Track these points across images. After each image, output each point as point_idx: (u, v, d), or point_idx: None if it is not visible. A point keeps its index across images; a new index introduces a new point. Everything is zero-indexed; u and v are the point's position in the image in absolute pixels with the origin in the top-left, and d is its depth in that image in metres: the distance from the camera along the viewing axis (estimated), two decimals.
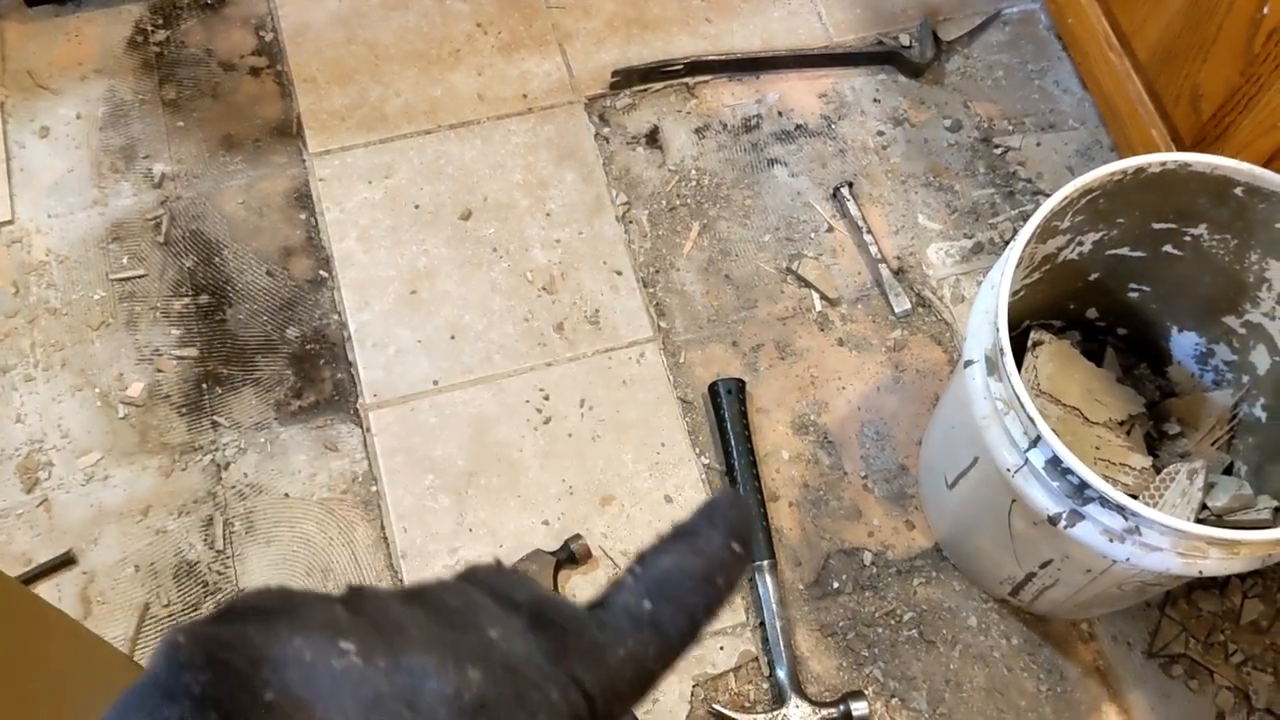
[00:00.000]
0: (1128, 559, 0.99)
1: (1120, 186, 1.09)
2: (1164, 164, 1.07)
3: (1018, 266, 1.04)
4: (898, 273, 1.50)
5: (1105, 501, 0.96)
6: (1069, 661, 1.31)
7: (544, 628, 0.32)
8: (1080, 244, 1.19)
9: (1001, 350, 0.99)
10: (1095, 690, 1.30)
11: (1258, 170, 1.05)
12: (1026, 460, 1.01)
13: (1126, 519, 0.97)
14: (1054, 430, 0.97)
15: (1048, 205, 1.05)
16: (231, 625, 0.27)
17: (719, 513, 0.36)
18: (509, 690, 0.29)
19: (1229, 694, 1.30)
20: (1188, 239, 1.16)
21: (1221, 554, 0.97)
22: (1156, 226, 1.16)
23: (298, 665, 0.27)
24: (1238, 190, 1.08)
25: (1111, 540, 0.99)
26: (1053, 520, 1.01)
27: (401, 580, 1.30)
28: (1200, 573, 0.98)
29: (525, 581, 0.33)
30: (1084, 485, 0.97)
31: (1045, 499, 1.01)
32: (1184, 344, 1.30)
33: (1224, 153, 1.25)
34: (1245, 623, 1.33)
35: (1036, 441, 0.99)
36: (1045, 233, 1.10)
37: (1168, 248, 1.19)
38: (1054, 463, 0.98)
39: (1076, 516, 1.00)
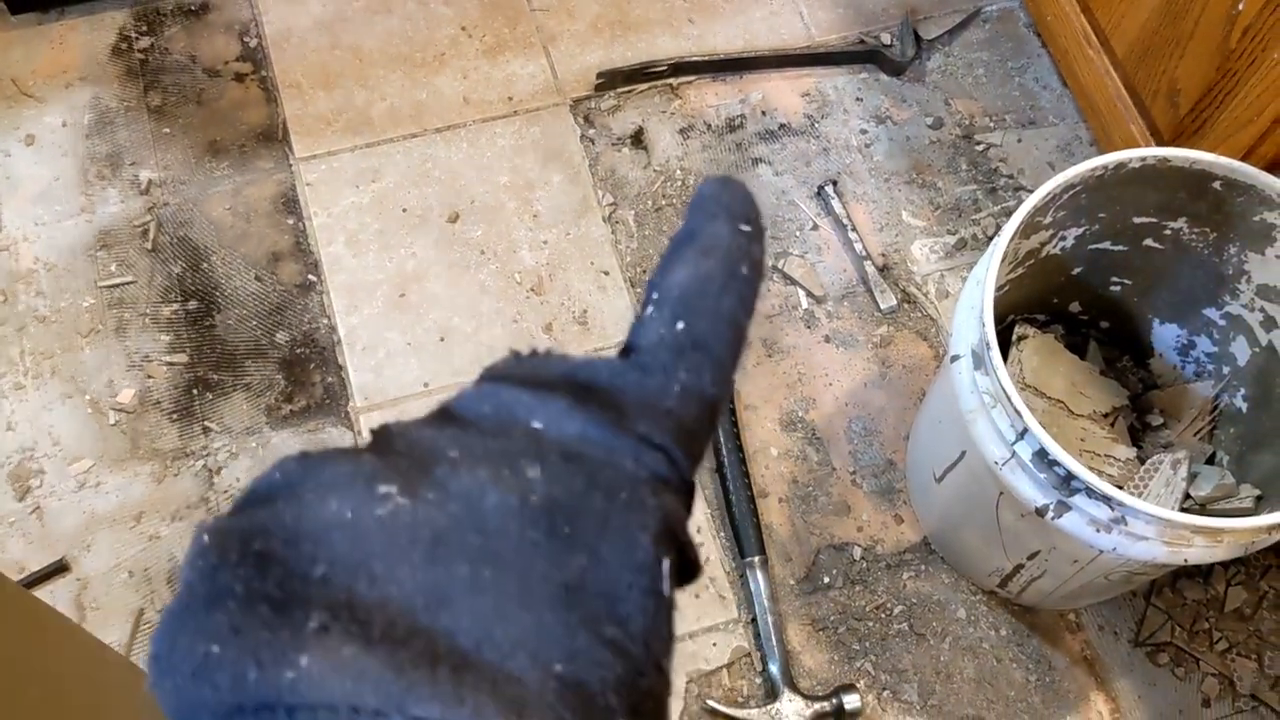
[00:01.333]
0: (1114, 549, 1.00)
1: (1101, 182, 1.10)
2: (1144, 159, 1.08)
3: (1002, 262, 1.05)
4: (883, 269, 1.51)
5: (1091, 492, 0.98)
6: (1057, 651, 1.33)
7: (589, 398, 0.28)
8: (1063, 239, 1.20)
9: (988, 344, 1.01)
10: (1083, 679, 1.32)
11: (1235, 164, 1.07)
12: (1013, 453, 1.02)
13: (1113, 509, 0.98)
14: (1040, 423, 0.99)
15: (1031, 201, 1.06)
16: (257, 509, 0.25)
17: (711, 201, 0.32)
18: (577, 478, 0.26)
19: (1214, 681, 1.32)
20: (1168, 233, 1.18)
21: (1206, 542, 0.99)
22: (1137, 221, 1.18)
23: (340, 528, 0.24)
24: (1216, 184, 1.10)
25: (1098, 530, 1.00)
26: (1040, 512, 1.02)
27: None
28: (1185, 561, 1.00)
29: (551, 357, 0.30)
30: (1070, 476, 0.98)
31: (1032, 491, 1.03)
32: (1165, 336, 1.32)
33: (1202, 147, 1.26)
34: (1229, 610, 1.35)
35: (1023, 434, 1.00)
36: (1029, 228, 1.12)
37: (1148, 241, 1.20)
38: (1040, 454, 1.00)
39: (1063, 507, 1.01)
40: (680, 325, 0.30)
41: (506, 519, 0.25)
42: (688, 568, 0.29)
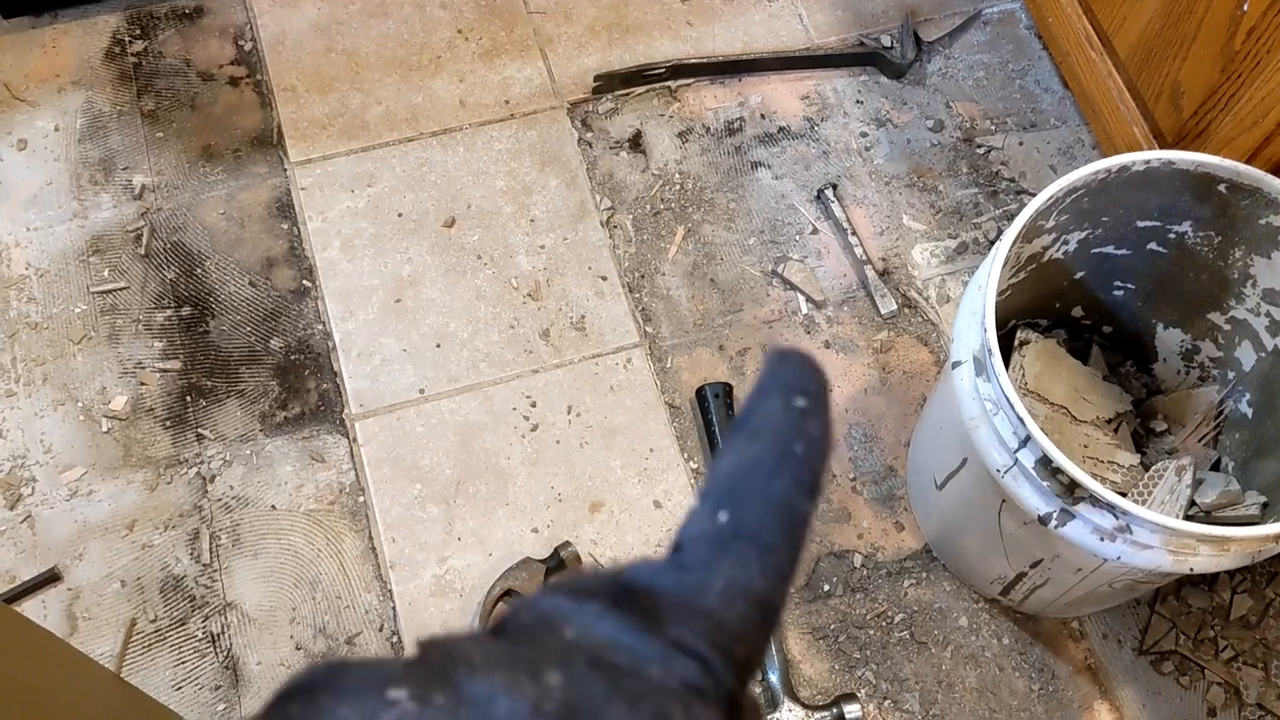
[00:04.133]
0: (1119, 557, 0.99)
1: (1105, 185, 1.09)
2: (1148, 162, 1.07)
3: (1003, 266, 1.04)
4: (883, 274, 1.50)
5: (1096, 501, 0.96)
6: (1060, 660, 1.31)
7: (625, 602, 0.27)
8: (1065, 243, 1.19)
9: (990, 351, 0.99)
10: (1086, 688, 1.30)
11: (1240, 167, 1.06)
12: (1016, 460, 1.01)
13: (1117, 518, 0.97)
14: (1042, 429, 0.97)
15: (1033, 205, 1.05)
16: (277, 711, 0.25)
17: (768, 376, 0.30)
18: (597, 685, 0.25)
19: (1220, 690, 1.30)
20: (1172, 236, 1.17)
21: (1212, 551, 0.97)
22: (1141, 224, 1.17)
23: None
24: (1221, 187, 1.08)
25: (1102, 539, 0.99)
26: (1043, 520, 1.01)
27: (390, 590, 1.30)
28: (1191, 570, 0.98)
29: (605, 570, 0.29)
30: (1074, 485, 0.97)
31: (1035, 499, 1.01)
32: (1169, 341, 1.30)
33: (1206, 149, 1.25)
34: (1234, 618, 1.33)
35: (1026, 442, 0.99)
36: (1030, 232, 1.10)
37: (1152, 245, 1.19)
38: (1044, 462, 0.98)
39: (1067, 516, 1.00)
40: (723, 516, 0.28)
41: None
42: None
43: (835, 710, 1.23)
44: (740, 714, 0.28)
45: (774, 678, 1.25)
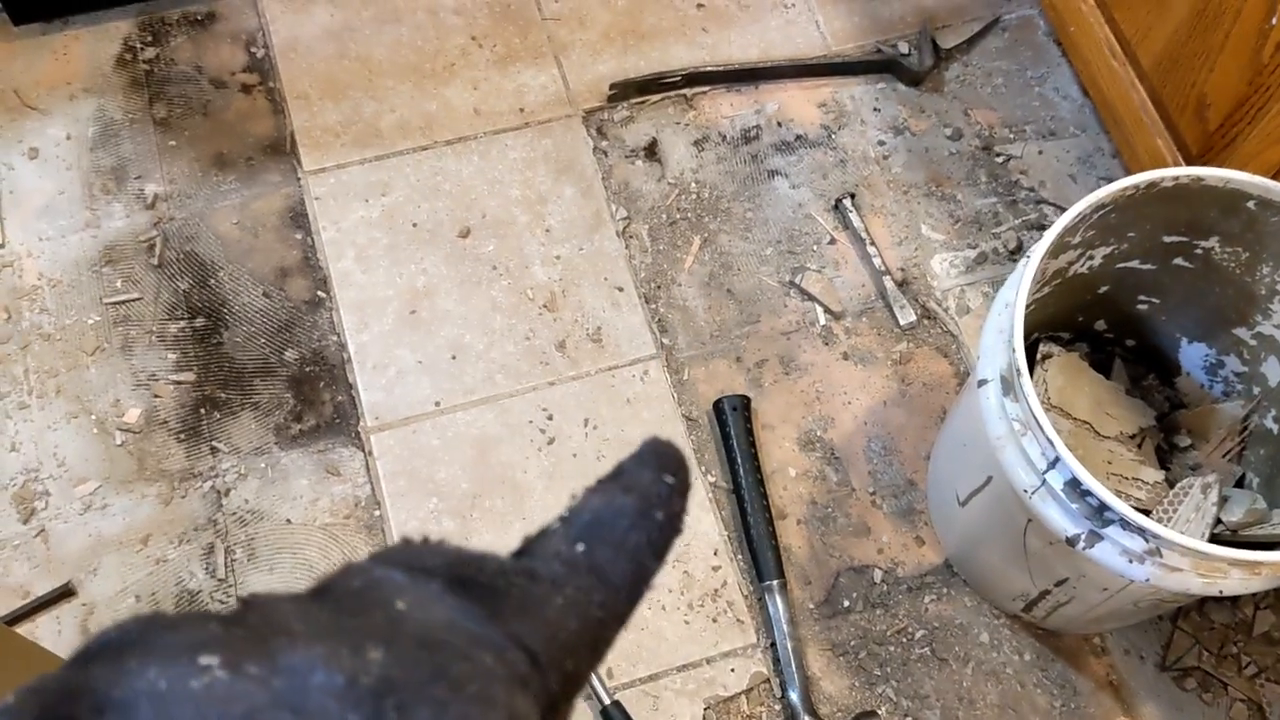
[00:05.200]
0: (1147, 579, 0.98)
1: (1132, 201, 1.07)
2: (1176, 178, 1.06)
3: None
4: (901, 284, 1.48)
5: (1126, 524, 0.95)
6: (1081, 676, 1.30)
7: (466, 588, 0.28)
8: (1091, 258, 1.17)
9: (1019, 371, 0.98)
10: (1108, 704, 1.29)
11: (1270, 184, 1.04)
12: (1044, 481, 0.99)
13: (1147, 540, 0.96)
14: (1066, 446, 0.96)
15: (1061, 222, 1.04)
16: (78, 670, 0.24)
17: (645, 451, 0.33)
18: (423, 665, 0.25)
19: (1242, 706, 1.29)
20: (1199, 252, 1.16)
21: (1243, 574, 0.96)
22: (1167, 239, 1.15)
23: (150, 699, 0.23)
24: (1250, 203, 1.07)
25: (1131, 561, 0.98)
26: (1071, 541, 1.00)
27: None
28: (1220, 592, 0.97)
29: (444, 546, 0.29)
30: (1104, 507, 0.96)
31: (1063, 520, 1.00)
32: (1193, 355, 1.29)
33: (1231, 163, 1.24)
34: (1258, 634, 1.32)
35: (1055, 463, 0.98)
36: (1057, 249, 1.09)
37: (1178, 260, 1.18)
38: (1073, 484, 0.97)
39: (1095, 537, 0.99)
40: (581, 547, 0.30)
41: (328, 699, 0.23)
42: None
43: None
44: (555, 709, 0.28)
45: (794, 694, 1.24)
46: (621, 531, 0.30)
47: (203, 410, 1.38)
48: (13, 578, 1.28)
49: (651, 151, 1.56)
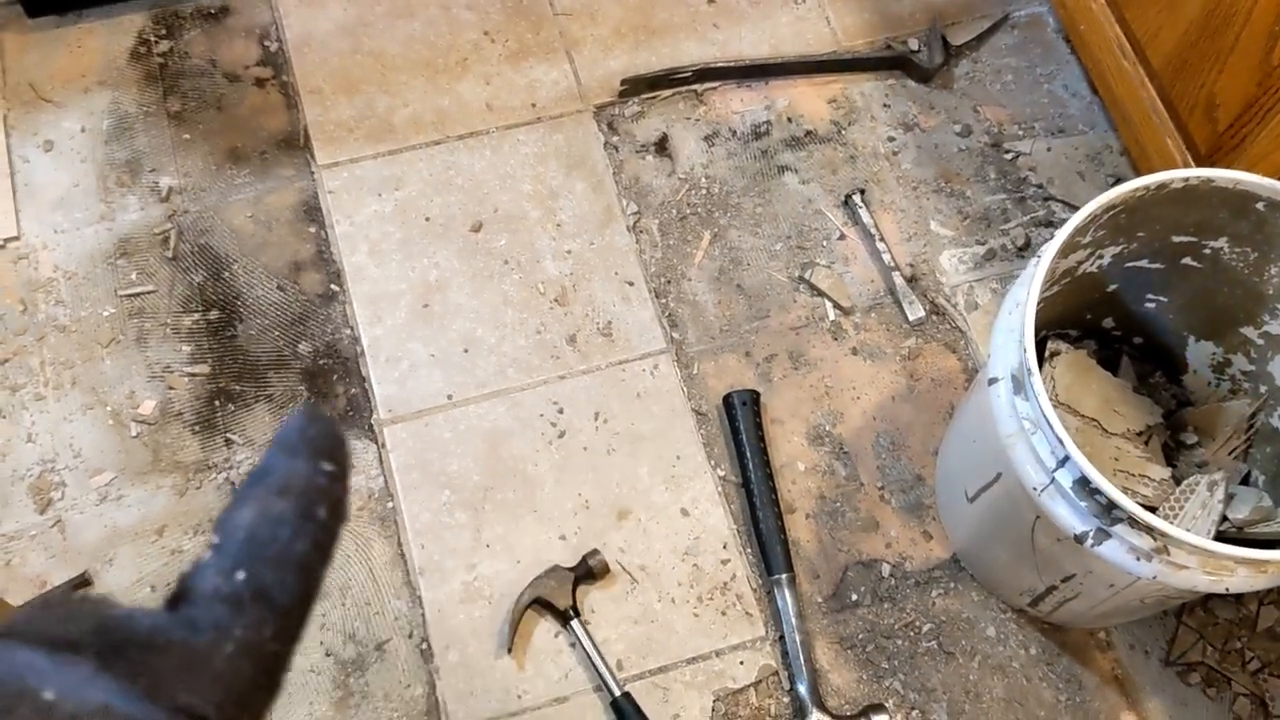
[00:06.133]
0: (1154, 576, 0.99)
1: (1142, 201, 1.08)
2: (1186, 180, 1.07)
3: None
4: (911, 280, 1.49)
5: (1134, 522, 0.96)
6: (1087, 670, 1.31)
7: (120, 660, 0.26)
8: (1100, 257, 1.18)
9: (1029, 371, 0.99)
10: (1113, 699, 1.30)
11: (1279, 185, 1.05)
12: (1053, 479, 1.01)
13: (1155, 539, 0.97)
14: (1073, 442, 0.97)
15: (1072, 223, 1.05)
16: None
17: (294, 434, 0.30)
18: None
19: (1246, 701, 1.31)
20: (1207, 252, 1.16)
21: (1249, 572, 0.97)
22: (1176, 239, 1.16)
23: None
24: (1259, 205, 1.08)
25: (1138, 559, 0.99)
26: (1079, 539, 1.01)
27: (420, 597, 1.30)
28: (1227, 590, 0.99)
29: (88, 606, 0.27)
30: (1112, 505, 0.97)
31: (1072, 518, 1.01)
32: (1200, 353, 1.30)
33: (1240, 164, 1.25)
34: (1261, 630, 1.33)
35: (1064, 461, 0.99)
36: (1067, 248, 1.10)
37: (1187, 260, 1.19)
38: (1082, 482, 0.98)
39: (1103, 535, 1.00)
40: (241, 575, 0.27)
41: None
42: None
43: None
44: None
45: (802, 687, 1.26)
46: (284, 545, 0.28)
47: (217, 402, 1.39)
48: (30, 568, 1.29)
49: (662, 147, 1.57)
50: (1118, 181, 1.54)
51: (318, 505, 0.29)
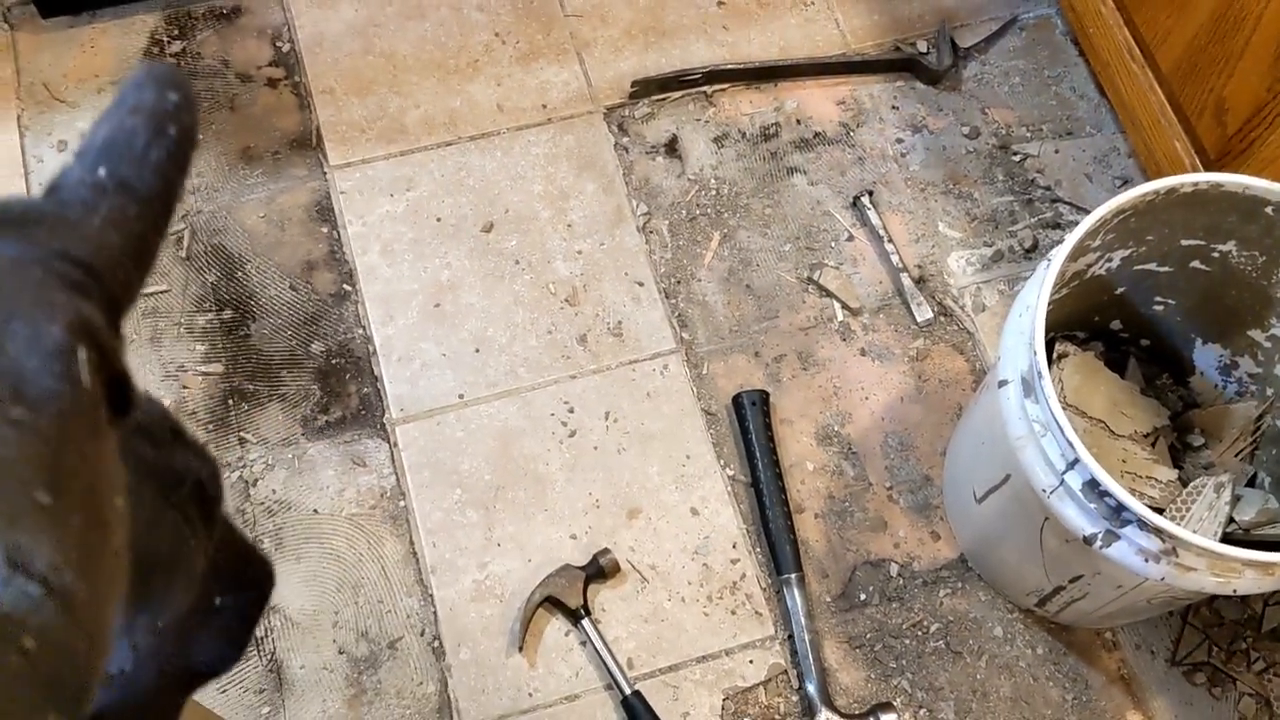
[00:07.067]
0: (1162, 578, 1.00)
1: (1152, 206, 1.09)
2: (1196, 184, 1.07)
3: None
4: (919, 281, 1.50)
5: (1143, 524, 0.97)
6: (1093, 670, 1.32)
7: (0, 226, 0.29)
8: (1109, 260, 1.19)
9: (1039, 374, 1.00)
10: (1119, 699, 1.31)
11: None
12: (1063, 481, 1.01)
13: (1163, 541, 0.98)
14: (1082, 444, 0.98)
15: (1083, 226, 1.05)
16: None
17: (140, 73, 0.33)
18: None
19: (1251, 701, 1.32)
20: (1216, 255, 1.17)
21: (1257, 574, 0.98)
22: (1185, 243, 1.17)
23: None
24: (1268, 209, 1.09)
25: (1147, 560, 1.00)
26: (1088, 540, 1.02)
27: (431, 595, 1.31)
28: (1234, 592, 1.00)
29: None
30: (1121, 507, 0.98)
31: (1081, 520, 1.02)
32: (1207, 355, 1.31)
33: (1249, 168, 1.26)
34: (1267, 630, 1.34)
35: (1074, 464, 1.00)
36: (1077, 251, 1.11)
37: (1195, 263, 1.20)
38: (1091, 485, 0.99)
39: (1112, 537, 1.01)
40: (102, 171, 0.31)
41: None
42: (119, 388, 0.30)
43: (872, 719, 1.25)
44: (119, 322, 0.30)
45: (811, 686, 1.27)
46: (140, 150, 0.32)
47: (230, 401, 1.40)
48: None
49: (672, 148, 1.58)
50: (1125, 184, 1.55)
51: (168, 124, 0.32)
